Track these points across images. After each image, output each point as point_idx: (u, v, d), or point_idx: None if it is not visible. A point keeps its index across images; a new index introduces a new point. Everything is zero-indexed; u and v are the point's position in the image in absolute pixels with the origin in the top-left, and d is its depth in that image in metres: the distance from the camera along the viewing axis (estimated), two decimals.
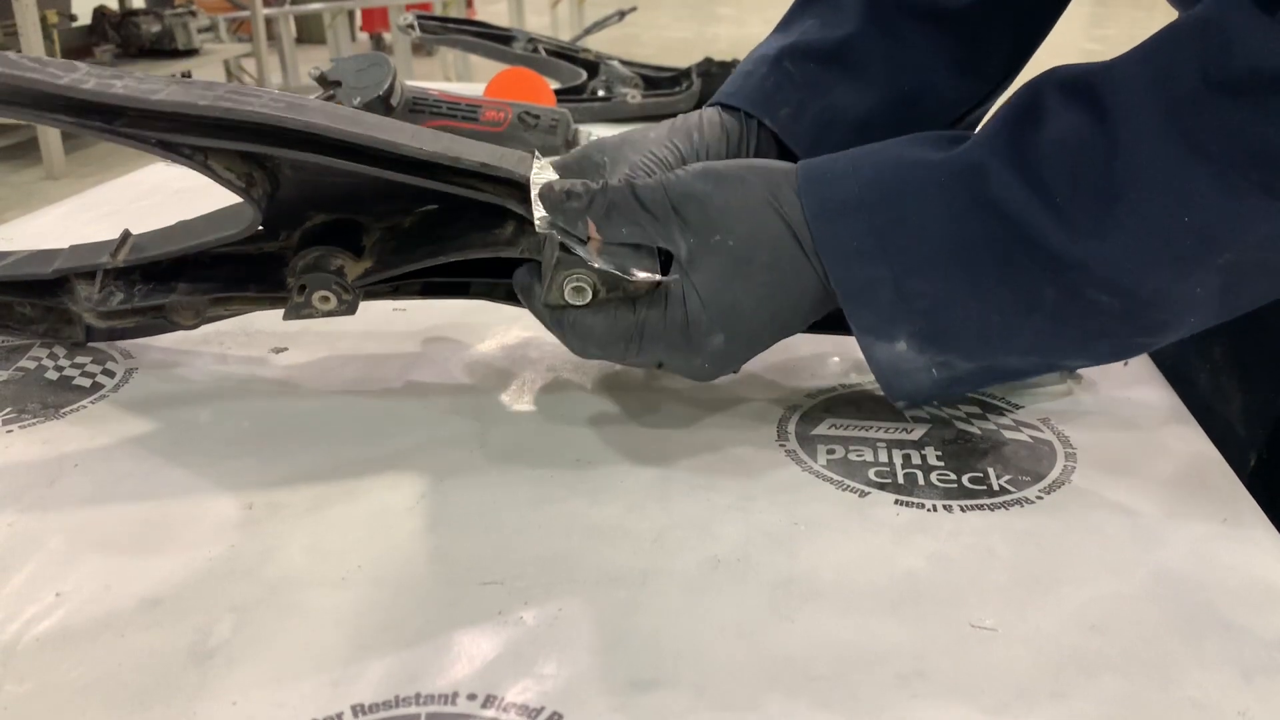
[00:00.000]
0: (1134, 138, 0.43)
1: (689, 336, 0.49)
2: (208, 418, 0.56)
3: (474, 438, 0.54)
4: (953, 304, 0.48)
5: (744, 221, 0.49)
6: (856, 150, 0.51)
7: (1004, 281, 0.46)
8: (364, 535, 0.46)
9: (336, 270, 0.54)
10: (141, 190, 0.97)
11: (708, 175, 0.50)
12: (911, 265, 0.47)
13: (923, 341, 0.49)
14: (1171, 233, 0.43)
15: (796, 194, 0.49)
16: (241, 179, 0.51)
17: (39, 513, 0.47)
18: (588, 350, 0.51)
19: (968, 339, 0.48)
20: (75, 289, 0.58)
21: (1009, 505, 0.48)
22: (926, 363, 0.49)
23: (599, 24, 1.67)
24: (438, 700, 0.37)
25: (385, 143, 0.49)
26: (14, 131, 4.20)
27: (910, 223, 0.47)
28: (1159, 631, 0.40)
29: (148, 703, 0.36)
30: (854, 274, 0.48)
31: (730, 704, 0.37)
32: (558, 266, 0.49)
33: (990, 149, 0.47)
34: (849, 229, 0.48)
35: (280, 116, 0.47)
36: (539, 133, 1.01)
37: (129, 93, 0.47)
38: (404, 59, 5.11)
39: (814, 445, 0.53)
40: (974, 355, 0.49)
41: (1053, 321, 0.47)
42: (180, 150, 0.49)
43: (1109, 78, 0.45)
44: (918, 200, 0.48)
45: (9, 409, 0.56)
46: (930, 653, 0.39)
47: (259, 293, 0.57)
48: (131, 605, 0.41)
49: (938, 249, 0.47)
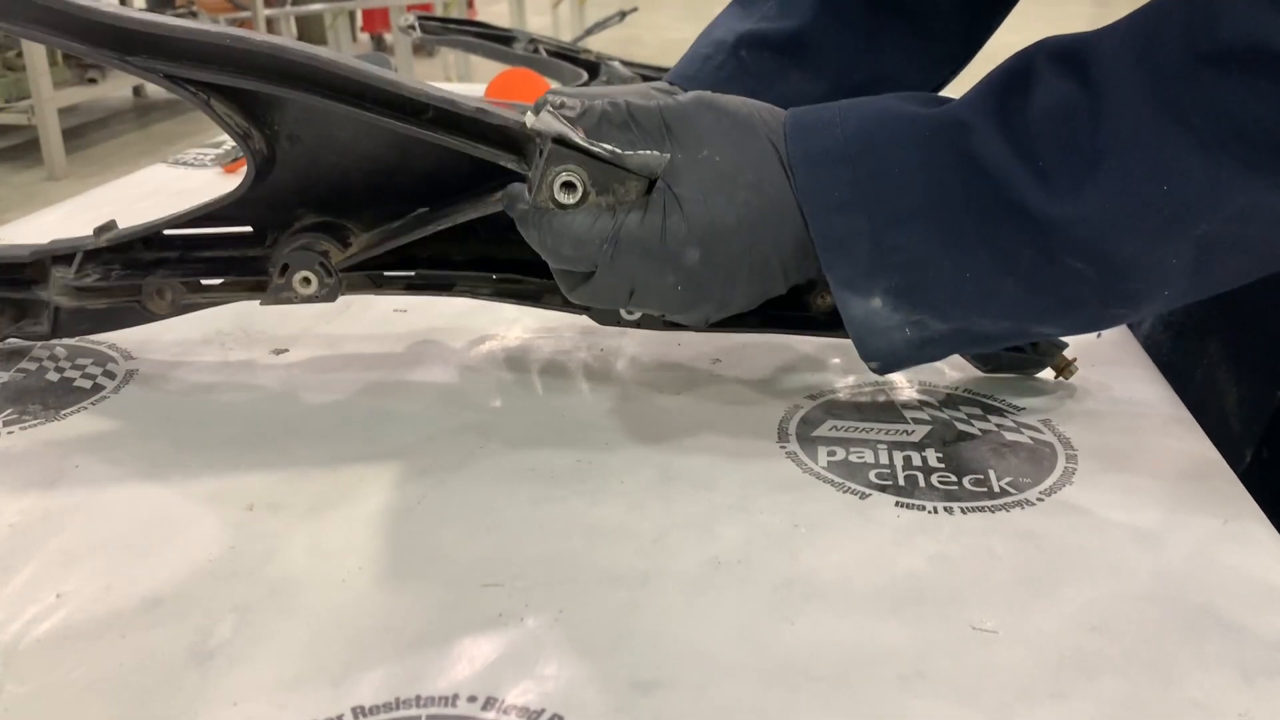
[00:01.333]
0: (1118, 105, 0.44)
1: (665, 245, 0.48)
2: (208, 419, 0.56)
3: (474, 439, 0.54)
4: (929, 261, 0.48)
5: (734, 142, 0.49)
6: (847, 101, 0.51)
7: (981, 241, 0.47)
8: (364, 536, 0.46)
9: (321, 253, 0.54)
10: (143, 191, 0.97)
11: (703, 100, 0.50)
12: (890, 218, 0.48)
13: (897, 298, 0.49)
14: (1149, 200, 0.44)
15: (785, 138, 0.49)
16: (239, 128, 0.52)
17: (40, 513, 0.47)
18: (561, 250, 0.49)
19: (942, 298, 0.48)
20: (50, 272, 0.58)
21: (1009, 507, 0.48)
22: (900, 321, 0.49)
23: (600, 25, 1.67)
24: (438, 702, 0.37)
25: (386, 82, 0.49)
26: (16, 132, 4.20)
27: (891, 175, 0.48)
28: (1160, 632, 0.40)
29: (148, 703, 0.36)
30: (833, 224, 0.48)
31: (731, 705, 0.37)
32: (549, 160, 0.48)
33: (976, 109, 0.47)
34: (831, 178, 0.48)
35: (286, 47, 0.48)
36: None
37: (142, 18, 0.48)
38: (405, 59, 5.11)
39: (815, 446, 0.53)
40: (948, 316, 0.49)
41: (1028, 285, 0.47)
42: (185, 85, 0.49)
43: (1097, 47, 0.45)
44: (900, 153, 0.48)
45: (10, 410, 0.56)
46: (931, 654, 0.39)
47: (238, 277, 0.56)
48: (132, 606, 0.41)
49: (917, 203, 0.47)
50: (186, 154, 1.10)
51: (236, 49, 0.48)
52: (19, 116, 3.95)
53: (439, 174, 0.54)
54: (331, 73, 0.49)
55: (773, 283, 0.51)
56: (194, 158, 1.08)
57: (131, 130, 4.83)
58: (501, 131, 0.50)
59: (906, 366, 0.52)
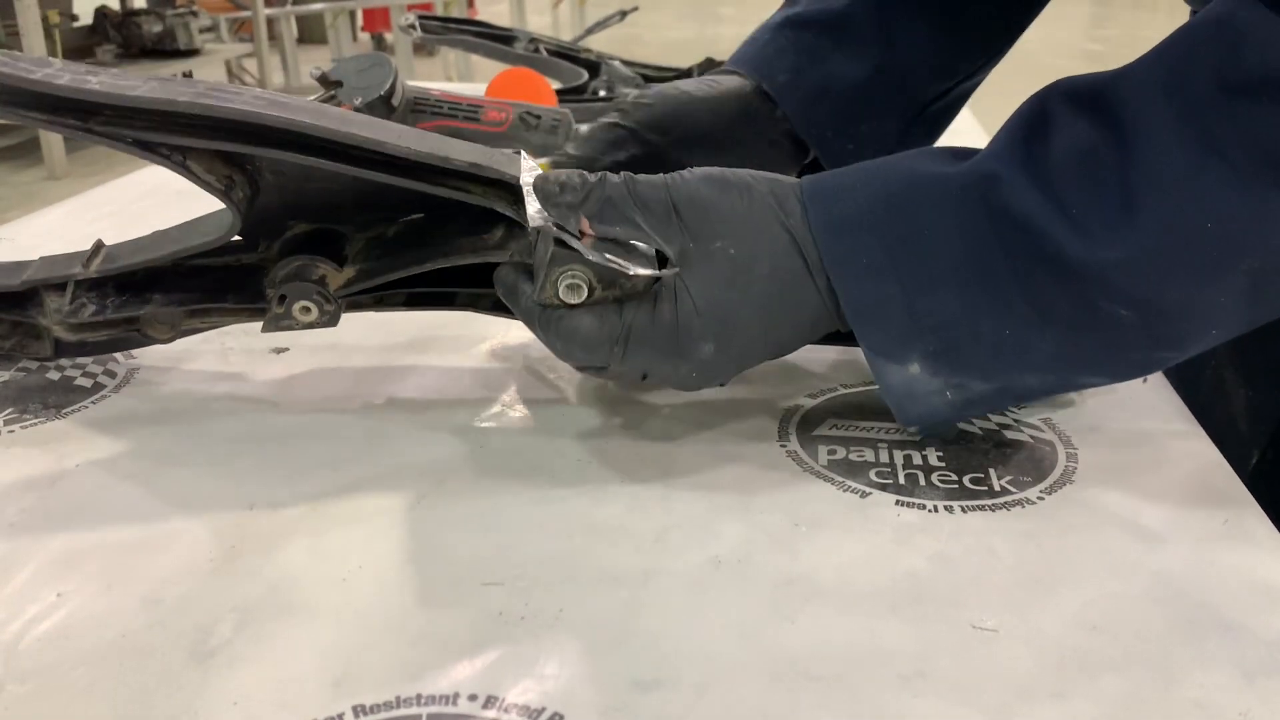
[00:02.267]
0: (1148, 144, 0.42)
1: (678, 342, 0.48)
2: (209, 418, 0.56)
3: (475, 437, 0.54)
4: (966, 321, 0.46)
5: (747, 230, 0.48)
6: (863, 165, 0.50)
7: (1019, 295, 0.45)
8: (365, 535, 0.46)
9: (318, 280, 0.53)
10: (143, 190, 0.97)
11: (712, 180, 0.49)
12: (923, 282, 0.46)
13: (936, 363, 0.47)
14: (1192, 240, 0.42)
15: (802, 206, 0.48)
16: (221, 181, 0.50)
17: (40, 513, 0.47)
18: (572, 352, 0.49)
19: (982, 358, 0.47)
20: (45, 302, 0.56)
21: (1010, 506, 0.48)
22: (941, 385, 0.48)
23: (600, 24, 1.67)
24: (439, 701, 0.37)
25: (371, 142, 0.48)
26: (15, 132, 4.21)
27: (922, 238, 0.46)
28: (1160, 632, 0.40)
29: (149, 703, 0.37)
30: (864, 292, 0.47)
31: (731, 704, 0.37)
32: (552, 262, 0.47)
33: (1002, 160, 0.46)
34: (858, 244, 0.47)
35: (261, 114, 0.46)
36: (540, 133, 1.01)
37: (105, 89, 0.45)
38: (405, 59, 5.11)
39: (815, 445, 0.53)
40: (989, 375, 0.48)
41: (1069, 336, 0.46)
42: (158, 150, 0.47)
43: (1119, 85, 0.44)
44: (930, 214, 0.46)
45: (10, 409, 0.56)
46: (931, 653, 0.39)
47: (237, 304, 0.55)
48: (132, 605, 0.41)
49: (950, 264, 0.46)
50: None
51: (208, 115, 0.46)
52: None
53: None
54: (313, 135, 0.47)
55: (790, 350, 0.51)
56: None
57: None
58: (497, 185, 0.50)
59: (950, 426, 0.52)
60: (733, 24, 7.89)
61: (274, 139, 0.48)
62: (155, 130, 0.47)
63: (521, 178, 0.50)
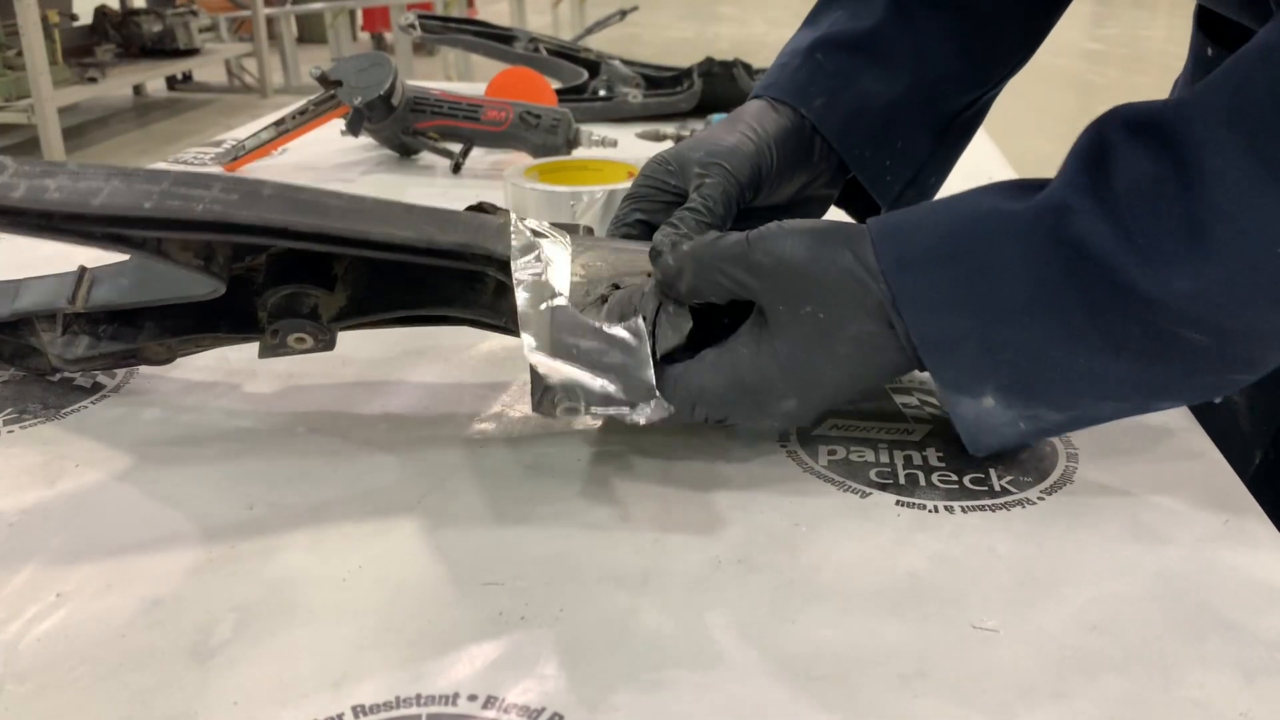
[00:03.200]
0: (1213, 171, 0.42)
1: (759, 400, 0.48)
2: (209, 417, 0.56)
3: (475, 437, 0.54)
4: (1039, 353, 0.46)
5: (836, 294, 0.47)
6: (929, 203, 0.50)
7: (1091, 327, 0.45)
8: (364, 535, 0.46)
9: (310, 312, 0.53)
10: None
11: (799, 239, 0.48)
12: (995, 316, 0.46)
13: (1010, 395, 0.47)
14: (1261, 267, 0.42)
15: (872, 246, 0.48)
16: (200, 257, 0.49)
17: (39, 513, 0.47)
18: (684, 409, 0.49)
19: (1056, 389, 0.47)
20: (38, 329, 0.56)
21: (1010, 506, 0.48)
22: (1014, 417, 0.48)
23: (600, 23, 1.67)
24: (438, 701, 0.37)
25: (351, 232, 0.47)
26: (16, 131, 4.21)
27: (992, 272, 0.46)
28: (1160, 632, 0.40)
29: (149, 703, 0.36)
30: (936, 328, 0.47)
31: (731, 704, 0.37)
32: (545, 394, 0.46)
33: (1069, 191, 0.45)
34: (928, 281, 0.47)
35: (230, 214, 0.45)
36: (540, 132, 1.01)
37: (65, 197, 0.44)
38: (405, 59, 5.11)
39: (815, 445, 0.53)
40: (1063, 405, 0.48)
41: (1143, 364, 0.45)
42: (129, 241, 0.47)
43: (1179, 113, 0.44)
44: (998, 248, 0.46)
45: (10, 409, 0.56)
46: (932, 653, 0.39)
47: (231, 331, 0.55)
48: (132, 605, 0.41)
49: (1021, 297, 0.46)
50: (186, 153, 1.10)
51: (181, 221, 0.45)
52: (19, 115, 3.95)
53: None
54: (295, 230, 0.47)
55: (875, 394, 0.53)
56: (194, 157, 1.08)
57: (131, 129, 4.83)
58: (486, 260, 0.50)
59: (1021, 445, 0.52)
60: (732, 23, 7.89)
61: (246, 230, 0.46)
62: (125, 227, 0.46)
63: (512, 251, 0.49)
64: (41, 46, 3.80)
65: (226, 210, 0.45)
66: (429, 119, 1.03)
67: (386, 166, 1.06)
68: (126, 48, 4.91)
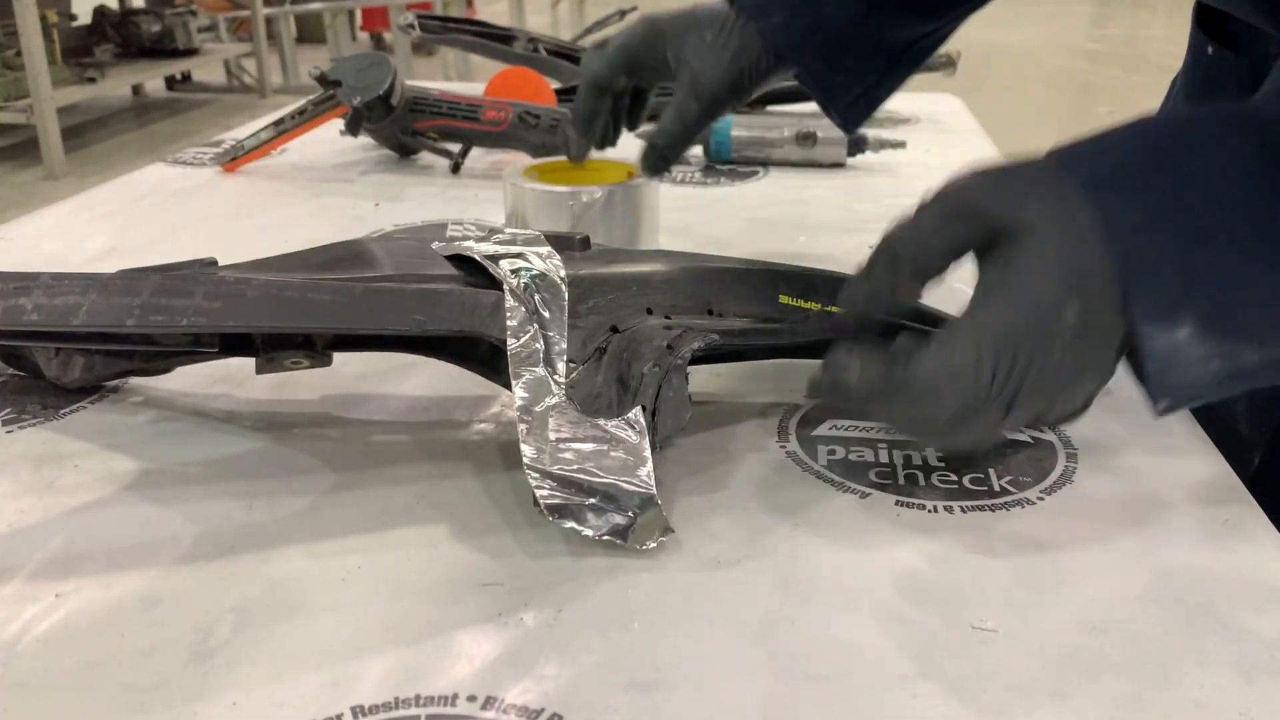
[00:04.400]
0: None
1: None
2: (208, 417, 0.56)
3: (474, 437, 0.54)
4: (1246, 279, 0.42)
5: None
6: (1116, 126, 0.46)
7: None
8: (364, 535, 0.46)
9: (305, 340, 0.53)
10: (141, 190, 0.97)
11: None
12: (1199, 235, 0.42)
13: (1207, 327, 0.43)
14: None
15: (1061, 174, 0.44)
16: (187, 341, 0.51)
17: (39, 513, 0.47)
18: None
19: (1261, 321, 0.43)
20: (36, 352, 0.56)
21: (1010, 506, 0.48)
22: (1209, 352, 0.43)
23: (599, 23, 1.67)
24: (438, 701, 0.37)
25: (343, 328, 0.48)
26: (14, 131, 4.21)
27: (1196, 186, 0.42)
28: (1160, 632, 0.40)
29: (148, 703, 0.36)
30: (1133, 249, 0.42)
31: (731, 705, 0.37)
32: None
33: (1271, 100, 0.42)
34: (1125, 199, 0.43)
35: (217, 326, 0.46)
36: (539, 132, 1.01)
37: (43, 318, 0.45)
38: (404, 58, 5.11)
39: (814, 445, 0.53)
40: (1265, 341, 0.43)
41: None
42: (116, 339, 0.47)
43: None
44: (1204, 159, 0.42)
45: (9, 409, 0.56)
46: (931, 653, 0.39)
47: (225, 349, 0.54)
48: (131, 605, 0.41)
49: (1228, 214, 0.42)
50: (185, 153, 1.10)
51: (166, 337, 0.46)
52: (18, 115, 3.95)
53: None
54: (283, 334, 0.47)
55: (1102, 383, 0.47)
56: (193, 157, 1.08)
57: (130, 129, 4.83)
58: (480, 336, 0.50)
59: (1200, 403, 0.47)
60: None
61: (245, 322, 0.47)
62: (106, 342, 0.47)
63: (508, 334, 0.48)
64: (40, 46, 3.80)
65: (211, 321, 0.45)
66: (428, 119, 1.03)
67: (385, 166, 1.06)
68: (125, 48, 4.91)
